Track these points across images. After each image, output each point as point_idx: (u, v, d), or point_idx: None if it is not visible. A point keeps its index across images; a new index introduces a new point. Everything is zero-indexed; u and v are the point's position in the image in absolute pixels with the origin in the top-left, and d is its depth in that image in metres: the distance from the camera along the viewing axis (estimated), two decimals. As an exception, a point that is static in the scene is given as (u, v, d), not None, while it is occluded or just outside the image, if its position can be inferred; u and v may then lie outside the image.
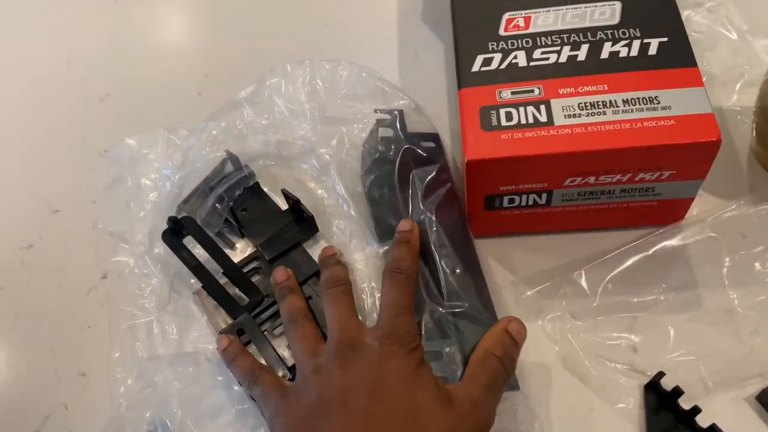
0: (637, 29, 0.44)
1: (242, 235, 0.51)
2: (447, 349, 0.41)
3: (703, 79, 0.53)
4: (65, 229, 0.54)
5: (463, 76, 0.44)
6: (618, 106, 0.41)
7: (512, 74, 0.44)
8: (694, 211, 0.47)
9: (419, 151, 0.48)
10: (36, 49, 0.65)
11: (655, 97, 0.41)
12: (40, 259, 0.53)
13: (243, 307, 0.46)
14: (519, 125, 0.41)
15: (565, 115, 0.41)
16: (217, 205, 0.49)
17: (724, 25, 0.56)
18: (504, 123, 0.42)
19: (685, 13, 0.57)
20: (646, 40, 0.44)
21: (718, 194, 0.48)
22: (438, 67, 0.58)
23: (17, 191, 0.56)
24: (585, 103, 0.42)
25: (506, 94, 0.43)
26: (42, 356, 0.48)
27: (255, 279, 0.48)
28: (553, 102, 0.42)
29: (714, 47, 0.55)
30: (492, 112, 0.42)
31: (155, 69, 0.62)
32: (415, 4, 0.62)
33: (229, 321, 0.46)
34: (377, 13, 0.62)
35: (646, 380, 0.42)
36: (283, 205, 0.51)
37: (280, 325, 0.46)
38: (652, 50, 0.43)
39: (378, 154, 0.49)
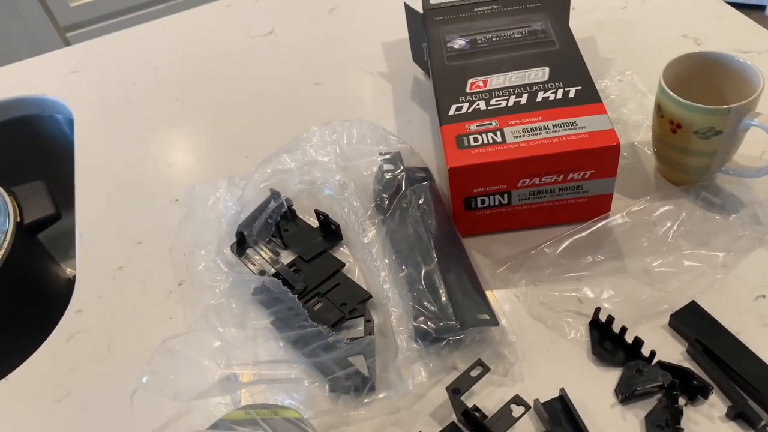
0: (560, 82, 0.64)
1: (285, 247, 0.68)
2: (443, 299, 0.57)
3: (619, 125, 0.73)
4: (147, 254, 0.71)
5: (443, 118, 0.64)
6: (549, 129, 0.60)
7: (476, 115, 0.63)
8: (616, 207, 0.64)
9: (416, 175, 0.66)
10: (119, 131, 0.85)
11: (574, 121, 0.60)
12: (129, 275, 0.69)
13: (292, 293, 0.62)
14: (482, 144, 0.60)
15: (513, 137, 0.60)
16: (269, 220, 0.66)
17: (631, 89, 0.76)
18: (472, 144, 0.60)
19: (604, 83, 0.78)
20: (567, 89, 0.64)
21: (635, 198, 0.66)
22: (425, 128, 0.78)
23: (108, 231, 0.73)
24: (527, 128, 0.61)
25: (473, 126, 0.62)
26: (134, 339, 0.63)
27: (297, 275, 0.65)
28: (506, 129, 0.61)
29: (626, 104, 0.75)
30: (464, 138, 0.61)
31: (210, 144, 0.82)
32: (405, 88, 0.84)
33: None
34: (379, 96, 0.83)
35: (589, 319, 0.57)
36: (315, 225, 0.69)
37: (317, 303, 0.61)
38: (572, 94, 0.63)
39: (384, 179, 0.67)
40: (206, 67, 0.93)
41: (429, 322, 0.55)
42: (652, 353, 0.53)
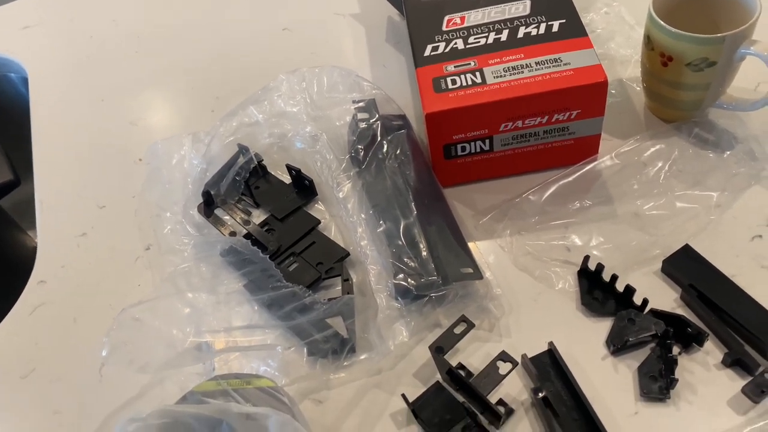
0: (543, 16, 0.60)
1: (257, 206, 0.64)
2: (424, 254, 0.53)
3: (606, 61, 0.69)
4: (111, 218, 0.67)
5: (418, 59, 0.59)
6: (532, 67, 0.56)
7: (454, 54, 0.58)
8: (604, 149, 0.61)
9: (392, 123, 0.62)
10: (77, 89, 0.80)
11: (559, 58, 0.56)
12: (93, 241, 0.65)
13: (265, 254, 0.59)
14: (461, 87, 0.56)
15: (494, 77, 0.56)
16: (236, 177, 0.62)
17: (619, 22, 0.72)
18: (450, 86, 0.56)
19: (589, 16, 0.73)
20: (550, 23, 0.59)
21: (624, 138, 0.62)
22: (402, 73, 0.74)
23: (70, 196, 0.69)
24: (508, 67, 0.56)
25: (450, 67, 0.58)
26: (101, 309, 0.59)
27: (270, 235, 0.61)
28: (485, 69, 0.57)
29: (613, 38, 0.71)
30: (441, 80, 0.57)
31: (175, 99, 0.77)
32: (380, 30, 0.78)
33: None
34: (352, 40, 0.78)
35: (578, 268, 0.54)
36: (288, 181, 0.65)
37: (292, 263, 0.58)
38: (555, 29, 0.58)
39: (358, 129, 0.62)
40: (168, 16, 0.87)
41: (409, 279, 0.52)
42: (645, 301, 0.51)
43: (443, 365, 0.48)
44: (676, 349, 0.49)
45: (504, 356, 0.48)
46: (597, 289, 0.53)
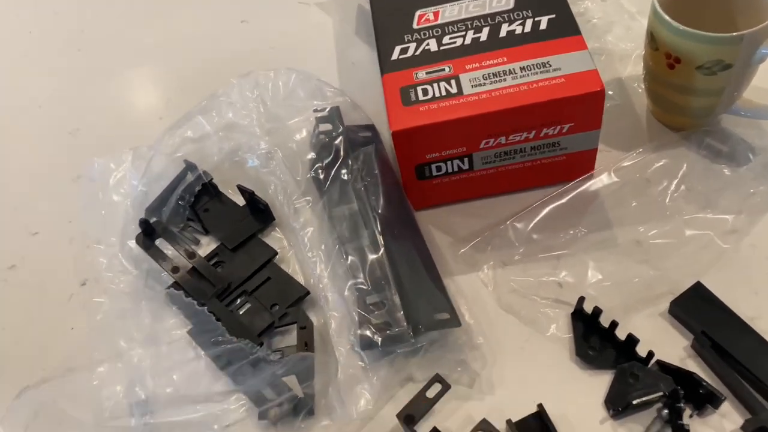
0: (529, 10, 0.51)
1: (206, 232, 0.56)
2: (393, 298, 0.46)
3: (603, 57, 0.61)
4: (45, 247, 0.59)
5: (384, 64, 0.51)
6: (516, 73, 0.48)
7: (426, 58, 0.50)
8: (601, 162, 0.53)
9: (358, 135, 0.54)
10: (9, 96, 0.71)
11: (547, 62, 0.48)
12: (23, 275, 0.57)
13: (211, 293, 0.51)
14: (434, 98, 0.48)
15: (472, 86, 0.48)
16: (180, 201, 0.54)
17: (618, 11, 0.63)
18: (421, 98, 0.48)
19: (584, 4, 0.65)
20: (537, 18, 0.51)
21: (624, 149, 0.54)
22: (373, 72, 0.64)
23: (0, 220, 0.61)
24: (488, 74, 0.48)
25: (422, 74, 0.49)
26: (30, 356, 0.52)
27: (219, 269, 0.53)
28: (462, 76, 0.48)
29: (611, 29, 0.62)
30: (410, 90, 0.49)
31: (120, 104, 0.69)
32: (349, 21, 0.70)
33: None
34: (317, 32, 0.70)
35: (572, 309, 0.47)
36: (242, 202, 0.57)
37: (244, 304, 0.51)
38: (543, 26, 0.50)
39: (320, 144, 0.54)
40: (114, 8, 0.78)
41: (375, 331, 0.45)
42: (650, 354, 0.43)
43: (414, 436, 0.41)
44: (687, 411, 0.41)
45: (484, 426, 0.41)
46: (594, 335, 0.46)
